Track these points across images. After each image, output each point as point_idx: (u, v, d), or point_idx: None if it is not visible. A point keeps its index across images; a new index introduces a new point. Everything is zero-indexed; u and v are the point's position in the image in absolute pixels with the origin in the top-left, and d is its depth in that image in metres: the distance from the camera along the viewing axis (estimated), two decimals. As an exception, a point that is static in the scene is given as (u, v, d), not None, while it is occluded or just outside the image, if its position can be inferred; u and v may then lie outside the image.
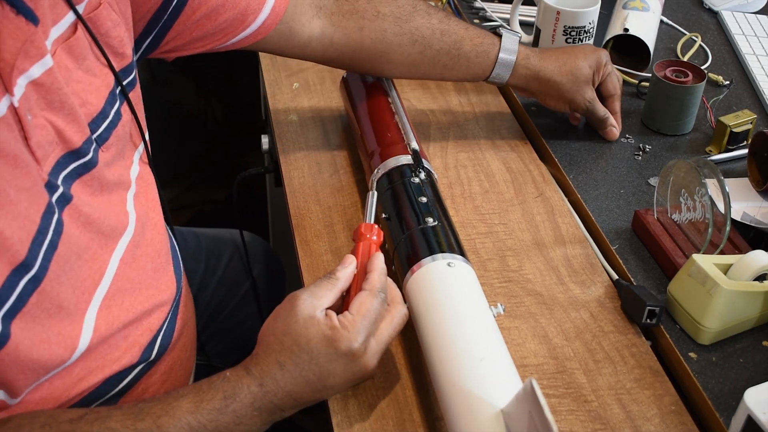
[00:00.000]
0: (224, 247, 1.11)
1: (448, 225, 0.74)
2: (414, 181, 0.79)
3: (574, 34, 1.04)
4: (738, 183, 0.90)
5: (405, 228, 0.74)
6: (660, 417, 0.67)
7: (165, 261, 0.76)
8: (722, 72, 1.13)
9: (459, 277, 0.67)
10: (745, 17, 1.28)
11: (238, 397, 0.60)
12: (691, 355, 0.71)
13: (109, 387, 0.68)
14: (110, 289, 0.66)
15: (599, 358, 0.72)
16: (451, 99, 1.08)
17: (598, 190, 0.91)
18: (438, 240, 0.71)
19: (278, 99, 1.07)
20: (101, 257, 0.66)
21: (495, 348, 0.61)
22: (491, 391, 0.57)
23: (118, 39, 0.69)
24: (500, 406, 0.56)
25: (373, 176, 0.83)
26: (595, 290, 0.79)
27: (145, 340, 0.70)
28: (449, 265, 0.68)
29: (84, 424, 0.58)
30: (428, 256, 0.69)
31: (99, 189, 0.67)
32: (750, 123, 0.96)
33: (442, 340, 0.62)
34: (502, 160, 0.96)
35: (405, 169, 0.81)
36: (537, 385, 0.50)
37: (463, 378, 0.59)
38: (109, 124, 0.69)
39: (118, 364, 0.68)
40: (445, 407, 0.60)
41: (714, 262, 0.72)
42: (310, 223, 0.86)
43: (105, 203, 0.67)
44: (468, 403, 0.57)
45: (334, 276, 0.66)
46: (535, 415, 0.50)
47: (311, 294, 0.64)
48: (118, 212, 0.69)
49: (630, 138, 1.00)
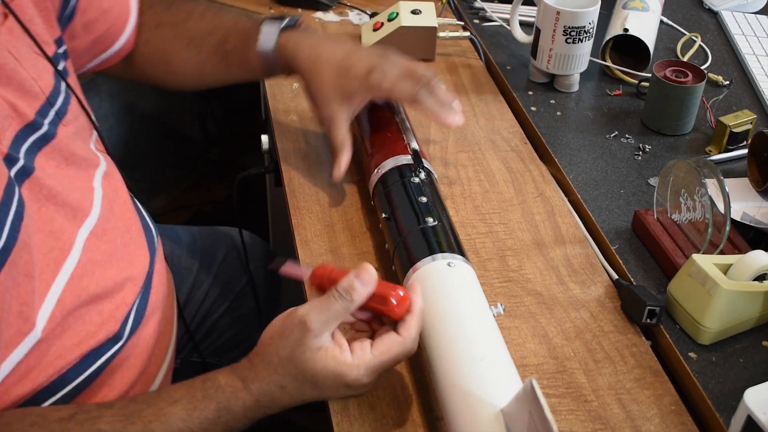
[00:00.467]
0: (219, 244, 1.11)
1: (449, 225, 0.74)
2: (414, 181, 0.79)
3: (574, 34, 1.04)
4: (738, 183, 0.90)
5: (405, 227, 0.74)
6: (660, 417, 0.67)
7: (136, 236, 0.76)
8: (722, 72, 1.13)
9: (459, 277, 0.67)
10: (745, 17, 1.28)
11: (231, 410, 0.59)
12: (691, 355, 0.71)
13: (88, 363, 0.68)
14: (81, 260, 0.67)
15: (599, 357, 0.72)
16: (451, 99, 1.08)
17: (598, 190, 0.91)
18: (438, 240, 0.71)
19: (278, 99, 1.07)
20: (68, 229, 0.67)
21: (495, 348, 0.61)
22: (491, 391, 0.57)
23: (41, 26, 0.71)
24: (500, 406, 0.55)
25: (373, 176, 0.83)
26: (595, 290, 0.79)
27: (120, 315, 0.70)
28: (449, 265, 0.68)
29: (74, 425, 0.58)
30: (428, 255, 0.69)
31: (64, 162, 0.68)
32: (750, 123, 0.96)
33: (442, 340, 0.62)
34: (502, 160, 0.96)
35: (405, 169, 0.81)
36: (537, 385, 0.50)
37: (463, 378, 0.59)
38: (64, 100, 0.70)
39: (94, 339, 0.68)
40: (445, 407, 0.60)
41: (714, 262, 0.72)
42: (310, 223, 0.86)
43: (71, 177, 0.68)
44: (468, 402, 0.57)
45: (349, 297, 0.60)
46: (535, 415, 0.50)
47: (322, 322, 0.59)
48: (85, 188, 0.70)
49: (630, 138, 1.00)
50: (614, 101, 1.08)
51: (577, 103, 1.07)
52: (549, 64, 1.07)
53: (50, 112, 0.68)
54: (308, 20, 1.26)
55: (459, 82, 1.12)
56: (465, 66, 1.16)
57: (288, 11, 1.29)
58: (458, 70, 1.15)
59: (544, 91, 1.09)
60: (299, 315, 0.60)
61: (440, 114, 0.83)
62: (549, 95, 1.09)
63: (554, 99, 1.08)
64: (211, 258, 1.08)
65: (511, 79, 1.11)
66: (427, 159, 0.84)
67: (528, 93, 1.09)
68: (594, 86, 1.11)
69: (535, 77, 1.11)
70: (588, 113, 1.05)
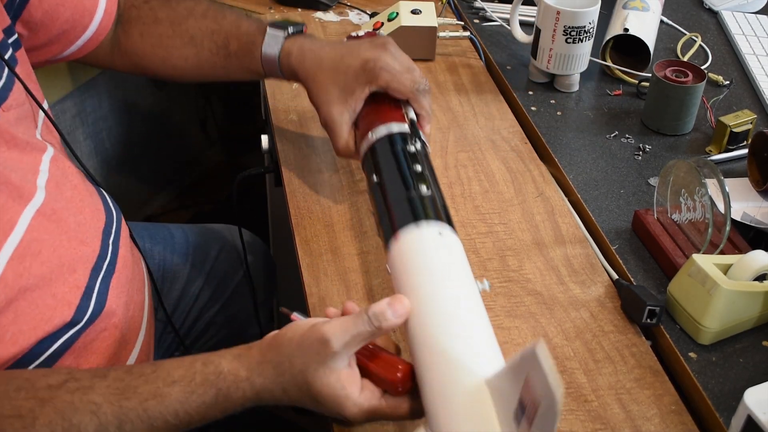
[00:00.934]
0: (212, 242, 1.11)
1: (439, 196, 0.72)
2: (410, 150, 0.76)
3: (574, 34, 1.04)
4: (738, 183, 0.90)
5: (397, 193, 0.72)
6: (660, 417, 0.67)
7: (90, 217, 0.76)
8: (722, 72, 1.13)
9: (448, 247, 0.65)
10: (745, 17, 1.28)
11: (231, 398, 0.59)
12: (691, 355, 0.71)
13: (44, 347, 0.67)
14: (23, 239, 0.67)
15: (599, 357, 0.72)
16: (451, 99, 1.08)
17: (598, 190, 0.91)
18: (433, 208, 0.69)
19: (278, 99, 1.07)
20: (12, 209, 0.67)
21: (481, 321, 0.59)
22: (476, 361, 0.54)
23: None
24: (484, 376, 0.53)
25: (365, 142, 0.79)
26: (595, 290, 0.79)
27: (74, 298, 0.70)
28: (440, 234, 0.65)
29: (64, 393, 0.57)
30: (418, 220, 0.66)
31: (5, 145, 0.69)
32: (750, 123, 0.96)
33: (426, 307, 0.59)
34: (502, 160, 0.96)
35: (401, 137, 0.78)
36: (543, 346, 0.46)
37: (445, 346, 0.56)
38: (4, 86, 0.71)
39: (49, 324, 0.68)
40: (424, 377, 0.56)
41: (714, 262, 0.72)
42: (310, 223, 0.86)
43: (14, 160, 0.69)
44: (450, 370, 0.54)
45: (378, 323, 0.57)
46: (537, 378, 0.46)
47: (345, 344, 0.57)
48: (28, 169, 0.71)
49: (630, 138, 1.00)
50: (614, 101, 1.08)
51: (577, 103, 1.07)
52: (549, 64, 1.07)
53: None
54: (308, 20, 1.26)
55: (459, 82, 1.12)
56: (465, 66, 1.16)
57: (288, 11, 1.29)
58: (458, 70, 1.15)
59: (544, 91, 1.09)
60: (323, 332, 0.57)
61: (426, 120, 0.83)
62: (549, 95, 1.09)
63: (554, 99, 1.08)
64: (204, 255, 1.08)
65: (511, 79, 1.11)
66: (424, 133, 0.82)
67: (528, 93, 1.09)
68: (594, 86, 1.11)
69: (535, 77, 1.11)
70: (588, 113, 1.05)
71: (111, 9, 0.89)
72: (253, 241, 1.17)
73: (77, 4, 0.85)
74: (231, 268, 1.11)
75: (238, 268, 1.12)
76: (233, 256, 1.11)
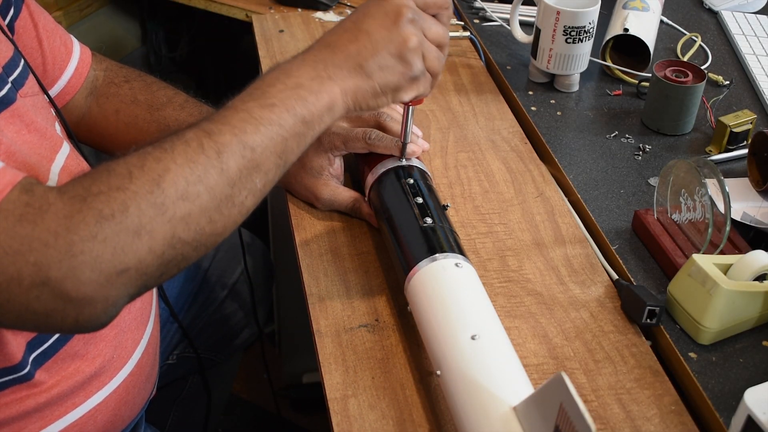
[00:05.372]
0: None
1: (448, 225, 0.75)
2: (409, 182, 0.79)
3: (574, 34, 1.04)
4: (738, 183, 0.90)
5: (407, 228, 0.74)
6: (660, 417, 0.67)
7: None
8: (722, 72, 1.13)
9: (467, 278, 0.68)
10: (745, 17, 1.28)
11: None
12: (691, 355, 0.71)
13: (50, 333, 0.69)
14: None
15: (599, 358, 0.72)
16: (451, 99, 1.08)
17: (598, 190, 0.91)
18: (448, 240, 0.72)
19: (278, 99, 1.06)
20: None
21: (506, 349, 0.62)
22: (504, 389, 0.58)
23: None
24: (512, 404, 0.56)
25: (368, 181, 0.84)
26: (595, 290, 0.79)
27: None
28: (457, 266, 0.68)
29: None
30: (440, 252, 0.69)
31: (25, 128, 0.68)
32: (750, 123, 0.96)
33: (453, 340, 0.62)
34: (502, 160, 0.96)
35: (398, 171, 0.81)
36: (567, 377, 0.50)
37: (475, 376, 0.59)
38: (21, 73, 0.71)
39: None
40: (456, 407, 0.60)
41: (714, 262, 0.72)
42: (310, 223, 0.86)
43: (31, 144, 0.69)
44: (481, 401, 0.57)
45: None
46: (568, 407, 0.49)
47: None
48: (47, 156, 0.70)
49: (630, 138, 1.00)
50: (614, 101, 1.08)
51: (577, 103, 1.07)
52: (549, 64, 1.07)
53: (7, 80, 0.68)
54: (308, 20, 1.26)
55: (459, 82, 1.12)
56: (465, 66, 1.16)
57: (288, 11, 1.29)
58: (458, 70, 1.15)
59: (544, 91, 1.09)
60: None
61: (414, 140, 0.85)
62: (549, 95, 1.09)
63: (554, 99, 1.08)
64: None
65: (511, 79, 1.11)
66: (420, 159, 0.84)
67: (528, 93, 1.09)
68: (594, 86, 1.11)
69: (535, 77, 1.11)
70: (588, 113, 1.05)
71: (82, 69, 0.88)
72: (252, 241, 1.17)
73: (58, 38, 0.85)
74: (229, 265, 1.11)
75: (236, 267, 1.12)
76: (231, 255, 1.12)
